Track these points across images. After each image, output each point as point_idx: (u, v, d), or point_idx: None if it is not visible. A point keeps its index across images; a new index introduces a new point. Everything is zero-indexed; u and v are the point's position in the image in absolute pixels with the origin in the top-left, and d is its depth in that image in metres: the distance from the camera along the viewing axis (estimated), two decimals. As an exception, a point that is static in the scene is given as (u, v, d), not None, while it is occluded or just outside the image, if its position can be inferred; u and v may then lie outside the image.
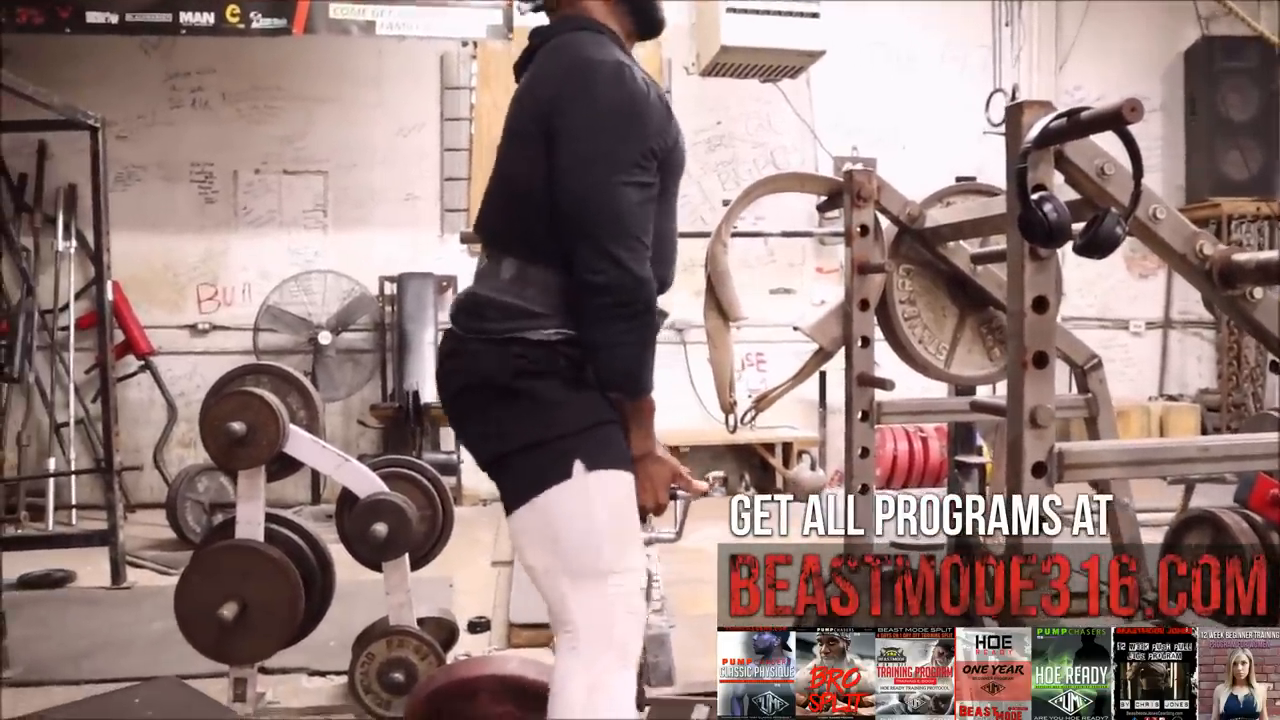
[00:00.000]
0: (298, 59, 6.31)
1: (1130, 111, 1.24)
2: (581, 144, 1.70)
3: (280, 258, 6.49)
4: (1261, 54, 6.88)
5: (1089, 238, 1.36)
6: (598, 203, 1.68)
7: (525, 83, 1.85)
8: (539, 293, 1.75)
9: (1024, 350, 1.43)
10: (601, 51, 1.77)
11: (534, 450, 1.74)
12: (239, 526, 2.87)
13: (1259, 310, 1.56)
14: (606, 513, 1.74)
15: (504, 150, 1.86)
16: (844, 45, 6.29)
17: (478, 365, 1.78)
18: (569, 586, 1.75)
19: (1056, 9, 7.22)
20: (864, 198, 2.08)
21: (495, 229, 1.86)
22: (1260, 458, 1.68)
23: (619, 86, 1.72)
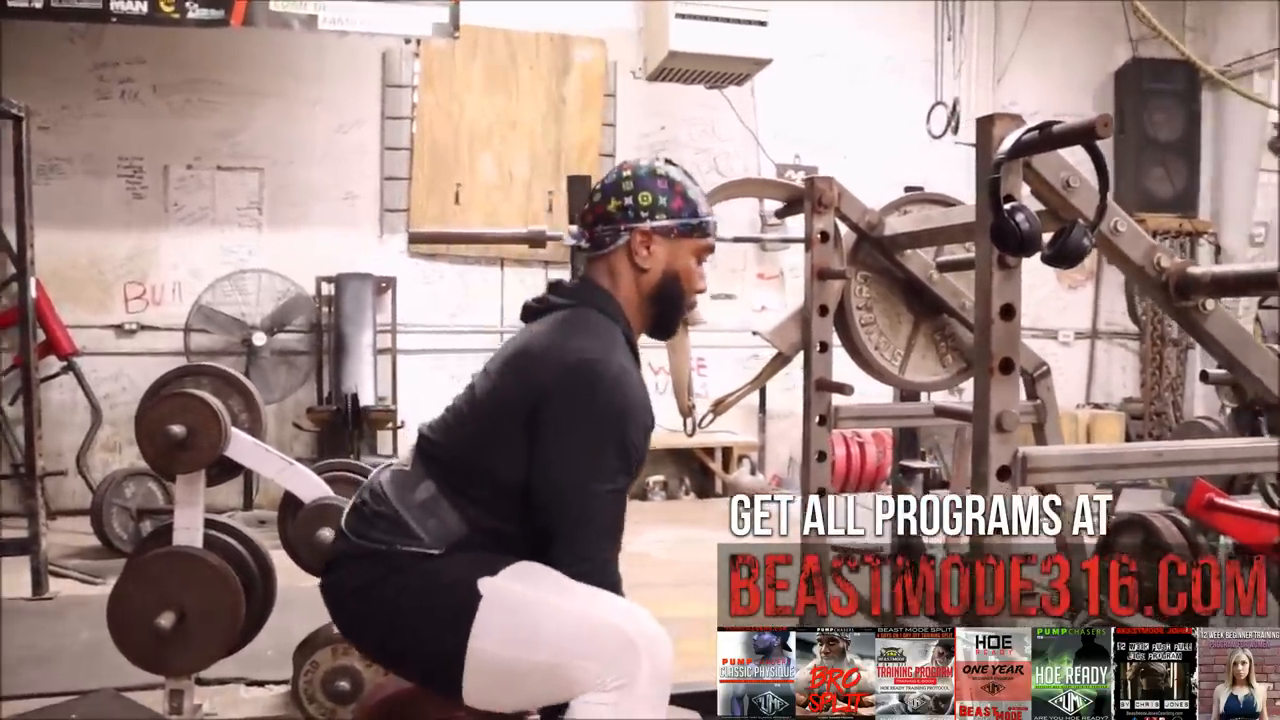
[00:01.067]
0: (234, 52, 6.16)
1: (1103, 127, 1.26)
2: (569, 446, 1.72)
3: (213, 256, 6.32)
4: (1187, 76, 7.13)
5: (1058, 248, 1.38)
6: (579, 510, 1.72)
7: (530, 341, 1.84)
8: (439, 527, 1.76)
9: (991, 356, 1.45)
10: (607, 353, 1.77)
11: (435, 613, 1.73)
12: (177, 533, 2.78)
13: (1210, 321, 1.60)
14: (534, 587, 1.72)
15: (487, 398, 1.83)
16: (788, 55, 6.36)
17: (355, 572, 1.79)
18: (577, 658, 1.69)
19: (995, 26, 7.38)
20: (825, 204, 2.10)
21: (436, 454, 1.84)
22: (1206, 463, 1.73)
23: (616, 396, 1.73)
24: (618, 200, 1.85)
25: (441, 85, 6.52)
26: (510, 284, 6.79)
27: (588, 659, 1.68)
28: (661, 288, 1.87)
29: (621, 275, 1.86)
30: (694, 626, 2.03)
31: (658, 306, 1.89)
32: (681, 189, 1.87)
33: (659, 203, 1.84)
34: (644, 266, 1.85)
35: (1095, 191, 1.52)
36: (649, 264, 1.85)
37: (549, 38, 6.68)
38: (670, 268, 1.86)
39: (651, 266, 1.85)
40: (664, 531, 5.66)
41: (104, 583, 4.47)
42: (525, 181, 6.72)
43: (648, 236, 1.84)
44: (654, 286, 1.87)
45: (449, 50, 6.37)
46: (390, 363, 6.42)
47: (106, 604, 2.70)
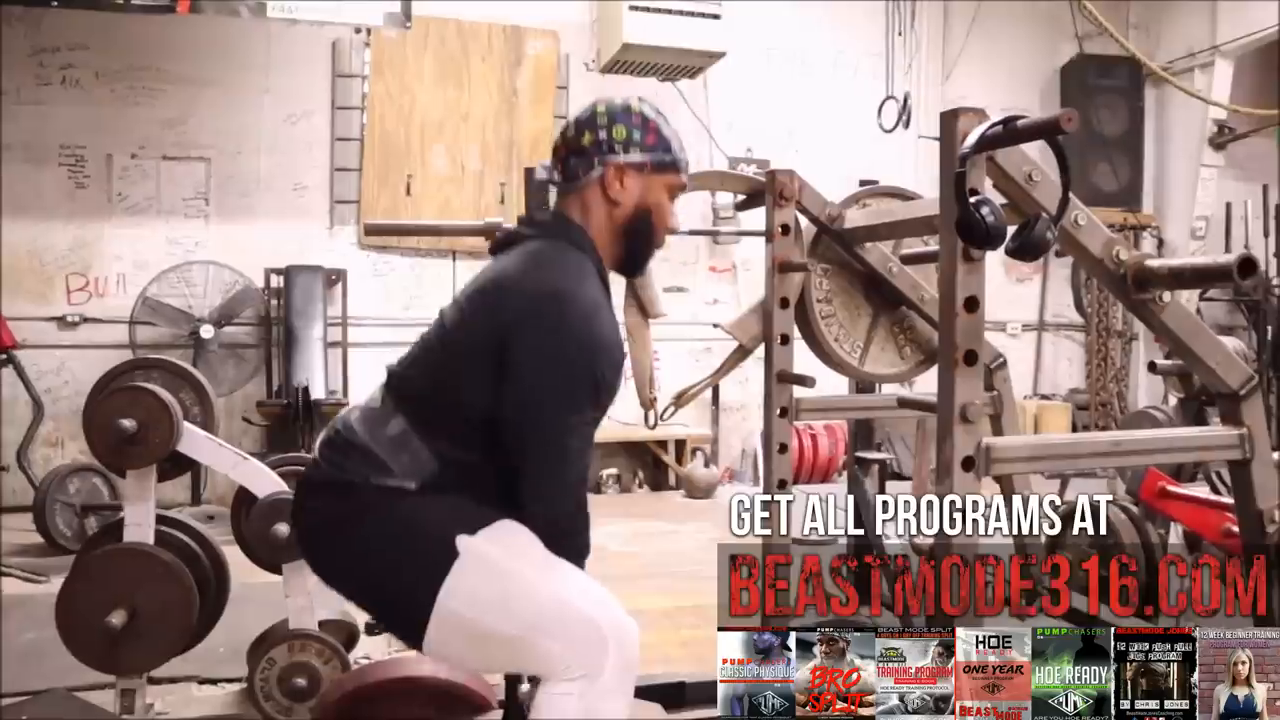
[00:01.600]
0: (179, 38, 6.03)
1: (1067, 122, 1.28)
2: (538, 379, 1.70)
3: (158, 247, 6.19)
4: (1130, 73, 7.28)
5: (1021, 241, 1.40)
6: (544, 440, 1.71)
7: (499, 274, 1.81)
8: (411, 462, 1.75)
9: (955, 348, 1.47)
10: (578, 285, 1.75)
11: (404, 561, 1.72)
12: (127, 529, 2.72)
13: (1166, 313, 1.64)
14: (513, 554, 1.71)
15: (455, 330, 1.81)
16: (740, 48, 6.38)
17: (329, 504, 1.78)
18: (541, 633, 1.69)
19: (944, 22, 7.47)
20: (786, 197, 2.11)
21: (406, 389, 1.82)
22: (1162, 451, 1.77)
23: (586, 328, 1.72)
24: (591, 134, 1.82)
25: (392, 75, 6.45)
26: (462, 276, 6.70)
27: (554, 640, 1.67)
28: (634, 221, 1.85)
29: (593, 209, 1.84)
30: (653, 619, 2.03)
31: (629, 241, 1.87)
32: (655, 126, 1.86)
33: (633, 137, 1.82)
34: (617, 200, 1.83)
35: (1056, 185, 1.54)
36: (622, 197, 1.83)
37: (501, 29, 6.63)
38: (643, 202, 1.85)
39: (624, 200, 1.83)
40: (619, 525, 5.66)
41: (48, 580, 4.37)
42: (477, 173, 6.67)
43: (621, 170, 1.82)
44: (626, 220, 1.85)
45: (400, 40, 6.30)
46: (341, 356, 6.34)
47: (55, 602, 2.64)
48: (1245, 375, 1.69)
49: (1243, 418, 1.70)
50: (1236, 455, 1.71)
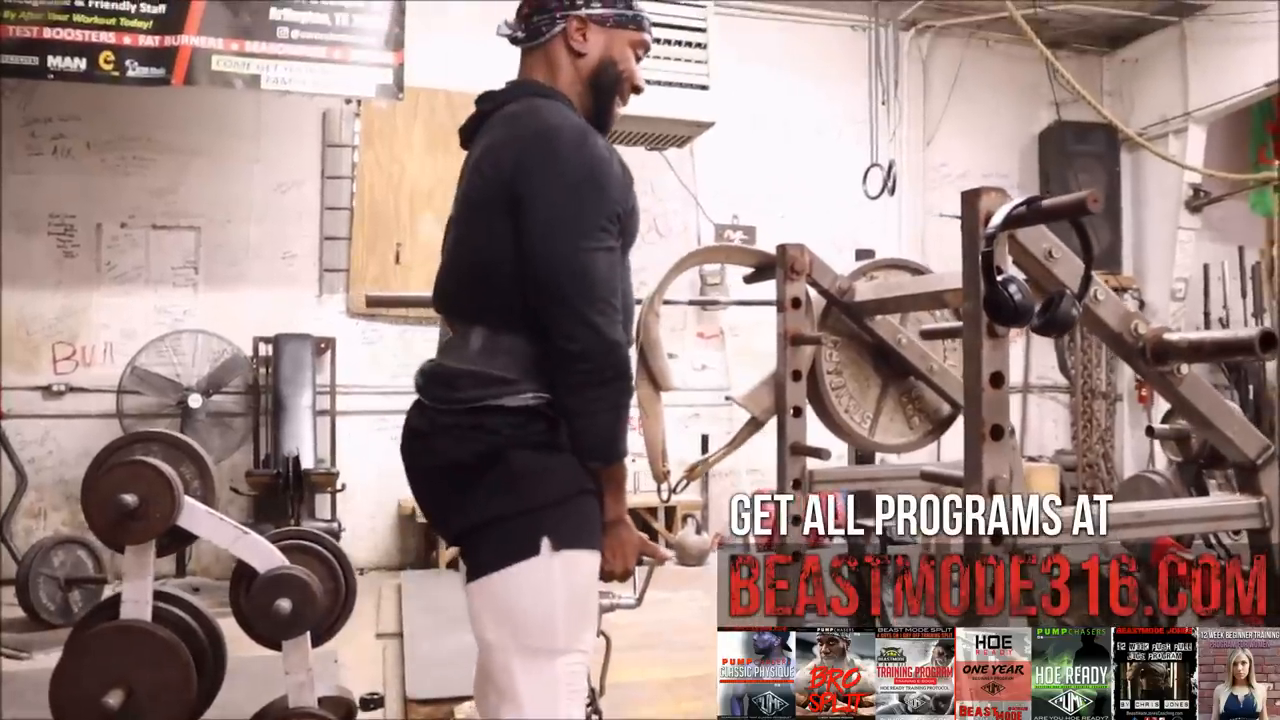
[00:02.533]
0: (170, 109, 6.07)
1: (1093, 203, 1.31)
2: (548, 211, 1.69)
3: (146, 316, 6.17)
4: (1107, 139, 7.45)
5: (1047, 317, 1.42)
6: (568, 269, 1.68)
7: (482, 151, 1.81)
8: (510, 360, 1.73)
9: (982, 423, 1.48)
10: (564, 117, 1.77)
11: (503, 523, 1.71)
12: (124, 605, 2.66)
13: (1184, 385, 1.66)
14: (568, 594, 1.71)
15: (463, 220, 1.83)
16: (727, 117, 6.48)
17: (452, 437, 1.75)
18: (519, 664, 1.71)
19: (924, 90, 7.63)
20: (797, 271, 2.13)
21: (460, 301, 1.83)
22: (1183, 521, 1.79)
23: (583, 152, 1.72)
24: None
25: (382, 145, 6.50)
26: (452, 343, 6.75)
27: (523, 700, 1.70)
28: (600, 74, 1.86)
29: (559, 65, 1.85)
30: (654, 692, 2.02)
31: (596, 95, 1.87)
32: None
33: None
34: (581, 51, 1.84)
35: (1074, 261, 1.57)
36: (586, 49, 1.84)
37: (491, 98, 6.71)
38: (607, 54, 1.86)
39: (589, 51, 1.84)
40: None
41: (31, 657, 4.27)
42: (467, 240, 6.70)
43: (584, 23, 1.84)
44: (592, 72, 1.85)
45: (390, 111, 6.37)
46: (330, 424, 6.30)
47: (49, 681, 2.57)
48: (1262, 445, 1.72)
49: (1261, 487, 1.72)
50: (1256, 524, 1.72)
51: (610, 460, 1.76)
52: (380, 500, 6.43)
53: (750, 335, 7.15)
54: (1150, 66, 7.67)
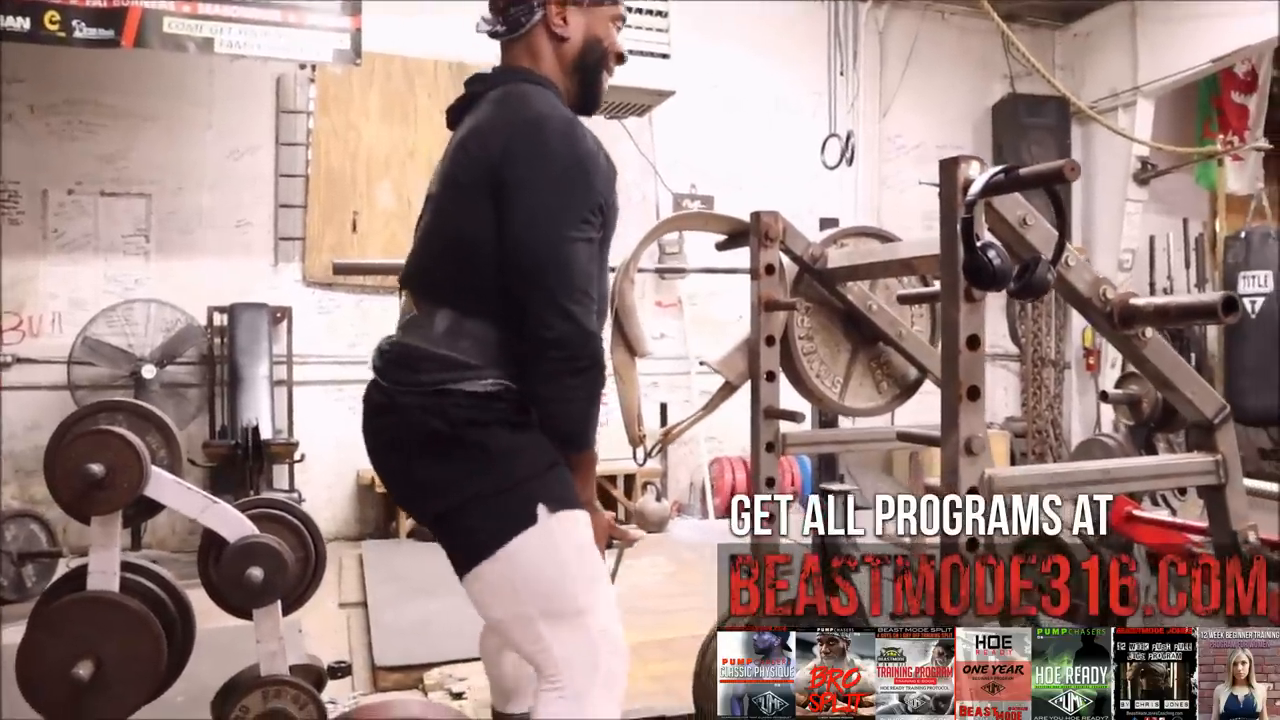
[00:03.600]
0: (118, 72, 5.92)
1: (1071, 171, 1.35)
2: (533, 199, 1.70)
3: (96, 285, 6.04)
4: (1059, 111, 7.56)
5: (1024, 282, 1.47)
6: (548, 258, 1.69)
7: (468, 131, 1.82)
8: (474, 345, 1.75)
9: (959, 384, 1.53)
10: (553, 107, 1.79)
11: (492, 500, 1.72)
12: (91, 577, 2.64)
13: (1148, 348, 1.72)
14: (575, 552, 1.74)
15: (442, 199, 1.83)
16: (686, 87, 6.48)
17: (413, 419, 1.75)
18: (548, 630, 1.73)
19: (881, 62, 7.68)
20: (771, 238, 2.16)
21: (431, 280, 1.83)
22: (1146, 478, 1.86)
23: (571, 143, 1.73)
24: None
25: (338, 112, 6.41)
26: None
27: (561, 645, 1.73)
28: (585, 55, 1.88)
29: (542, 52, 1.87)
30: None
31: (582, 76, 1.90)
32: None
33: None
34: (564, 35, 1.86)
35: (1047, 229, 1.62)
36: (569, 32, 1.86)
37: (447, 65, 6.64)
38: (589, 34, 1.88)
39: (571, 35, 1.86)
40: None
41: (-15, 633, 4.21)
42: (424, 209, 6.64)
43: (562, 6, 1.86)
44: (577, 54, 1.88)
45: (346, 76, 6.27)
46: (286, 394, 6.24)
47: (16, 655, 2.55)
48: (1219, 405, 1.79)
49: (1217, 445, 1.80)
50: (1212, 480, 1.80)
51: (582, 447, 1.79)
52: (339, 470, 6.40)
53: (707, 304, 7.21)
54: (1101, 41, 7.79)
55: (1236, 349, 6.83)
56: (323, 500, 6.23)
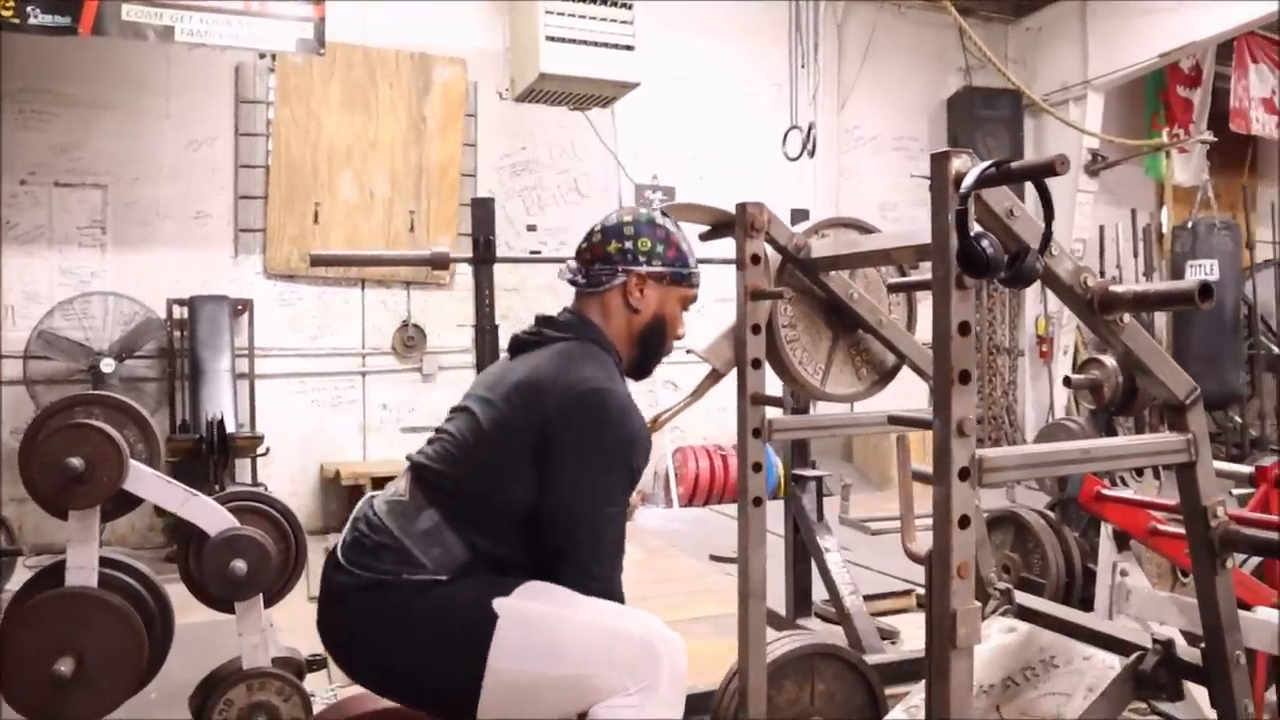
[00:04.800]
0: (73, 60, 5.82)
1: (1061, 165, 1.41)
2: (580, 473, 1.79)
3: (51, 278, 5.94)
4: (1011, 104, 7.71)
5: (1014, 271, 1.53)
6: (588, 530, 1.80)
7: (530, 377, 1.87)
8: (443, 555, 1.81)
9: (951, 369, 1.58)
10: (612, 380, 1.87)
11: (452, 639, 1.76)
12: (70, 572, 2.62)
13: (1125, 333, 1.79)
14: (549, 606, 1.78)
15: (489, 427, 1.87)
16: (647, 78, 6.51)
17: (363, 604, 1.81)
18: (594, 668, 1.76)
19: (839, 55, 7.77)
20: (756, 229, 2.20)
21: (440, 483, 1.88)
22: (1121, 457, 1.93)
23: (623, 424, 1.82)
24: (618, 243, 1.97)
25: (298, 102, 6.35)
26: (371, 304, 6.68)
27: (610, 667, 1.74)
28: (650, 329, 2.00)
29: (614, 314, 1.97)
30: None
31: (643, 348, 2.01)
32: (676, 240, 2.01)
33: (655, 250, 1.97)
34: (637, 307, 1.97)
35: (1032, 220, 1.68)
36: (641, 305, 1.97)
37: (409, 56, 6.61)
38: (660, 311, 2.00)
39: (644, 308, 1.97)
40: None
41: (-53, 632, 4.13)
42: (386, 200, 6.62)
43: (643, 280, 1.97)
44: (644, 327, 1.99)
45: (306, 66, 6.22)
46: (249, 387, 6.18)
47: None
48: (1190, 386, 1.86)
49: (1189, 425, 1.87)
50: (1184, 459, 1.87)
51: None
52: (302, 463, 6.37)
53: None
54: (1052, 35, 7.96)
55: (1184, 335, 7.03)
56: (286, 493, 6.16)
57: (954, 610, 1.56)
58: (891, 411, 1.77)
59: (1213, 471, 1.91)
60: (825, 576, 3.45)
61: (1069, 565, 3.42)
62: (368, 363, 6.64)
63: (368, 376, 6.63)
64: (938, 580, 1.58)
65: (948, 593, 1.55)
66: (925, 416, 1.66)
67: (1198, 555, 1.90)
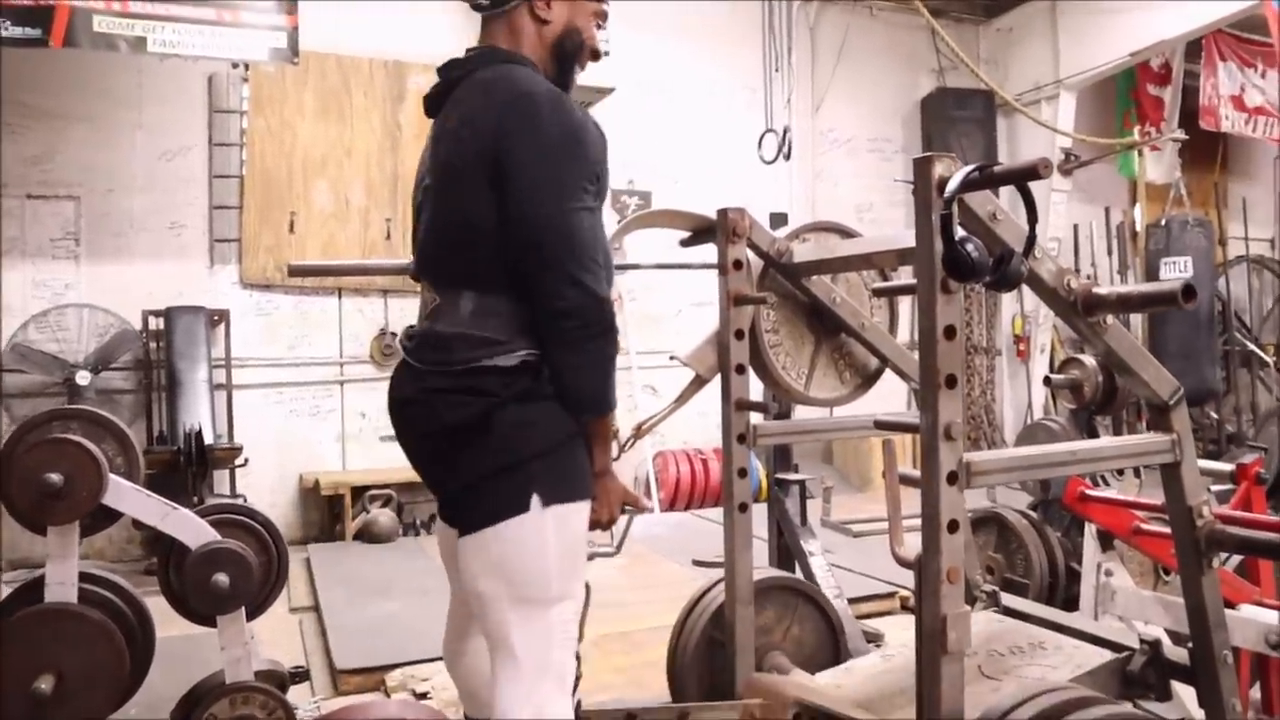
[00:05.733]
0: (46, 72, 5.75)
1: (1045, 169, 1.42)
2: (532, 174, 1.72)
3: (24, 290, 5.86)
4: (985, 105, 7.76)
5: (999, 275, 1.53)
6: (553, 230, 1.71)
7: (459, 117, 1.83)
8: (500, 322, 1.77)
9: (937, 373, 1.59)
10: (538, 83, 1.80)
11: (495, 478, 1.75)
12: (49, 589, 2.59)
13: (1109, 334, 1.81)
14: (559, 546, 1.76)
15: (441, 187, 1.84)
16: (623, 83, 6.52)
17: (446, 403, 1.78)
18: (514, 615, 1.77)
19: (813, 57, 7.79)
20: (738, 234, 2.20)
21: (446, 268, 1.85)
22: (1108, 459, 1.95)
23: (561, 116, 1.76)
24: None
25: (272, 111, 6.31)
26: (349, 313, 6.64)
27: (522, 642, 1.77)
28: (564, 40, 1.92)
29: (523, 31, 1.89)
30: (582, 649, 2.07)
31: (559, 61, 1.94)
32: None
33: None
34: (546, 19, 1.89)
35: (1015, 223, 1.69)
36: (551, 16, 1.89)
37: (382, 64, 6.58)
38: (571, 22, 1.92)
39: (554, 20, 1.90)
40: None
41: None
42: (362, 209, 6.58)
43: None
44: (557, 37, 1.91)
45: (279, 75, 6.18)
46: (226, 398, 6.13)
47: (-27, 672, 2.48)
48: (1174, 386, 1.88)
49: (1173, 425, 1.89)
50: (1168, 459, 1.89)
51: (600, 412, 1.81)
52: (281, 474, 6.32)
53: (646, 298, 7.26)
54: (1024, 35, 8.02)
55: (1160, 333, 7.09)
56: (266, 504, 6.10)
57: (944, 615, 1.56)
58: (877, 415, 1.77)
59: (1197, 471, 1.93)
60: (809, 579, 3.45)
61: (1052, 565, 3.43)
62: (346, 371, 6.60)
63: (346, 385, 6.58)
64: (928, 586, 1.58)
65: (938, 598, 1.56)
66: (912, 420, 1.66)
67: (1184, 555, 1.92)
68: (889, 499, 1.78)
